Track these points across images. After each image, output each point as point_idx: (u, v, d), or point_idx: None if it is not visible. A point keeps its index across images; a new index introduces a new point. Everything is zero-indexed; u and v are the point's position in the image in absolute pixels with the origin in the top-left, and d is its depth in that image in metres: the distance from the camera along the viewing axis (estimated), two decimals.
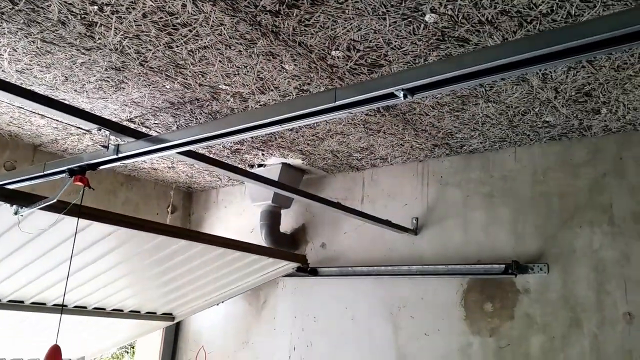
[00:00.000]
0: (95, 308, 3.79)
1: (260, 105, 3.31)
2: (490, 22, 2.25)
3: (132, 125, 3.74)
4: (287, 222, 4.86)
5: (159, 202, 5.51)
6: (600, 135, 3.44)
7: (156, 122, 3.71)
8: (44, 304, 3.49)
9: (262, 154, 4.30)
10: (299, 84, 3.00)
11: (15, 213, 2.46)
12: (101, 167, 2.63)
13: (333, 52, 2.64)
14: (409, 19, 2.29)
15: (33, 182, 2.73)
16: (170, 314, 4.48)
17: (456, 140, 3.71)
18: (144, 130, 3.81)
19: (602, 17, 1.90)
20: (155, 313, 4.31)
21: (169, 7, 2.35)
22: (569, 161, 3.56)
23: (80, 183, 2.48)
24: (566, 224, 3.47)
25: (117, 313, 3.98)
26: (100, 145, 2.56)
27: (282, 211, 4.70)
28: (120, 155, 2.41)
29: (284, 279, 4.72)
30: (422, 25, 2.32)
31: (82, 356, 4.63)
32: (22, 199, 2.43)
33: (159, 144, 2.34)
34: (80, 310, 3.70)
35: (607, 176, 3.39)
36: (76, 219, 2.55)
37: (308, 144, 4.00)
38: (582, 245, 3.38)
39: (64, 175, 2.50)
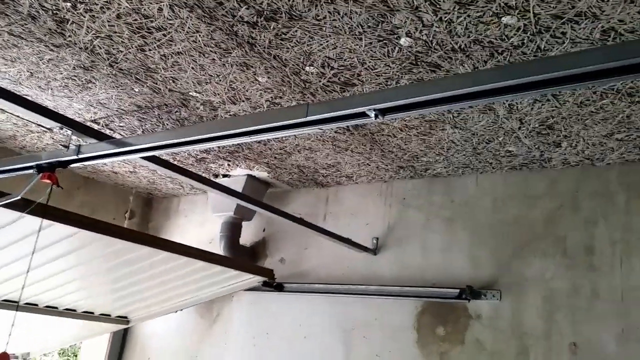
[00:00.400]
0: (47, 306, 3.67)
1: (230, 115, 3.29)
2: (463, 50, 2.32)
3: (95, 127, 3.65)
4: (248, 235, 4.81)
5: (117, 206, 5.38)
6: (559, 167, 3.57)
7: (121, 124, 3.63)
8: (15, 301, 3.40)
9: (228, 165, 4.26)
10: (271, 97, 3.00)
11: None
12: (19, 173, 2.57)
13: (307, 68, 2.65)
14: (385, 41, 2.33)
15: (14, 174, 2.60)
16: (125, 317, 4.36)
17: (421, 163, 3.77)
18: (108, 132, 3.73)
19: (570, 53, 1.99)
20: (109, 315, 4.20)
21: (145, 10, 2.32)
22: (527, 191, 3.66)
23: (48, 181, 2.36)
24: (521, 253, 3.56)
25: (70, 313, 3.85)
26: (60, 144, 2.49)
27: (243, 223, 4.66)
28: (81, 156, 2.34)
29: (239, 293, 4.65)
30: (397, 48, 2.37)
31: (27, 352, 4.46)
32: None
33: (122, 147, 2.29)
34: (32, 307, 3.57)
35: (562, 208, 3.50)
36: (37, 217, 2.44)
37: (275, 157, 3.99)
38: (534, 274, 3.47)
39: (31, 171, 2.39)
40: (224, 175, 4.51)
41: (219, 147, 3.87)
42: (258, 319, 4.53)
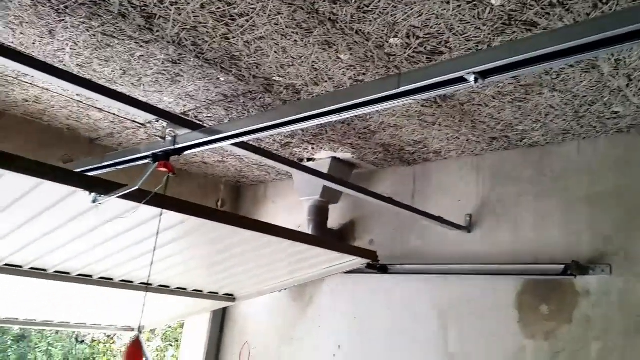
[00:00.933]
0: (160, 285, 3.94)
1: (313, 96, 3.27)
2: (562, 3, 2.13)
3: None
4: (335, 218, 4.80)
5: (208, 196, 5.57)
6: None
7: (209, 115, 3.73)
8: (131, 281, 3.78)
9: (312, 148, 4.26)
10: (354, 74, 2.94)
11: (94, 201, 2.41)
12: (135, 164, 2.66)
13: (391, 40, 2.56)
14: (474, 3, 2.19)
15: (117, 168, 2.78)
16: (232, 295, 4.62)
17: (516, 132, 3.56)
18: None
19: None
20: (217, 293, 4.47)
21: None
22: (635, 157, 3.35)
23: (164, 169, 2.41)
24: (630, 225, 3.27)
25: (180, 291, 4.14)
26: (157, 136, 2.58)
27: (330, 207, 4.65)
28: (177, 146, 2.41)
29: (329, 277, 4.67)
30: (488, 9, 2.22)
31: (142, 325, 4.85)
32: (101, 187, 2.39)
33: (214, 135, 2.34)
34: (146, 287, 3.86)
35: None
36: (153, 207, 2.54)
37: (359, 137, 3.94)
38: None
39: (147, 161, 2.47)
40: (309, 159, 4.52)
41: (302, 130, 3.88)
42: (351, 302, 4.52)
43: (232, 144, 2.48)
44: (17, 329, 12.21)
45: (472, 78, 1.56)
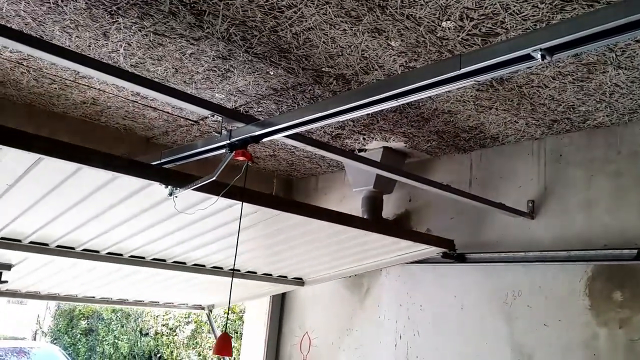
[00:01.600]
0: (230, 269, 4.05)
1: (363, 85, 3.22)
2: None
3: None
4: (389, 208, 4.74)
5: (261, 189, 5.60)
6: None
7: (259, 109, 3.74)
8: (203, 265, 3.95)
9: (363, 138, 4.21)
10: (405, 61, 2.87)
11: (170, 194, 2.44)
12: (212, 154, 2.69)
13: (444, 24, 2.48)
14: None
15: (195, 158, 2.83)
16: (301, 279, 4.70)
17: (579, 114, 3.39)
18: None
19: None
20: (286, 277, 4.57)
21: None
22: None
23: (243, 158, 2.35)
24: None
25: (251, 275, 4.26)
26: (214, 131, 2.60)
27: (384, 197, 4.59)
28: (232, 140, 2.42)
29: (387, 267, 4.62)
30: None
31: (212, 304, 5.40)
32: (177, 180, 2.43)
33: (268, 127, 2.33)
34: (218, 270, 4.03)
35: None
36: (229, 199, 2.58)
37: (412, 126, 3.85)
38: None
39: (223, 151, 2.45)
40: (360, 150, 4.47)
41: (353, 121, 3.83)
42: (409, 292, 4.46)
43: (286, 136, 2.47)
44: (84, 324, 12.81)
45: (538, 55, 1.47)
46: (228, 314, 5.84)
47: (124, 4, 2.54)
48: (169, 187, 2.42)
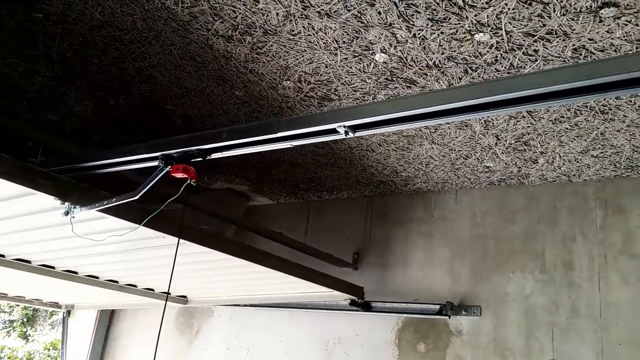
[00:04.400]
0: (108, 280, 3.71)
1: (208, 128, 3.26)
2: (438, 66, 2.32)
3: None
4: None
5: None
6: (537, 183, 3.58)
7: (100, 136, 3.58)
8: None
9: (207, 178, 4.22)
10: (249, 111, 2.98)
11: (67, 213, 1.92)
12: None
13: (284, 82, 2.64)
14: (360, 57, 2.33)
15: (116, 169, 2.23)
16: (185, 297, 4.36)
17: (401, 178, 3.77)
18: None
19: (542, 71, 1.99)
20: (170, 294, 4.24)
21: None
22: (506, 207, 3.67)
23: (183, 175, 1.88)
24: (500, 268, 3.55)
25: (131, 289, 3.92)
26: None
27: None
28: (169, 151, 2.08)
29: (218, 308, 4.60)
30: (372, 64, 2.36)
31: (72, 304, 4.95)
32: (78, 194, 1.91)
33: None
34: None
35: (540, 223, 3.51)
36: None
37: (255, 171, 3.96)
38: (514, 290, 3.46)
39: (154, 163, 1.97)
40: (204, 189, 4.46)
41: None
42: (239, 334, 4.46)
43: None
44: None
45: (342, 130, 1.64)
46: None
47: None
48: (66, 203, 1.94)
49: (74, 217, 1.96)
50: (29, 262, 3.25)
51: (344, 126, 1.62)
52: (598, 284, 3.22)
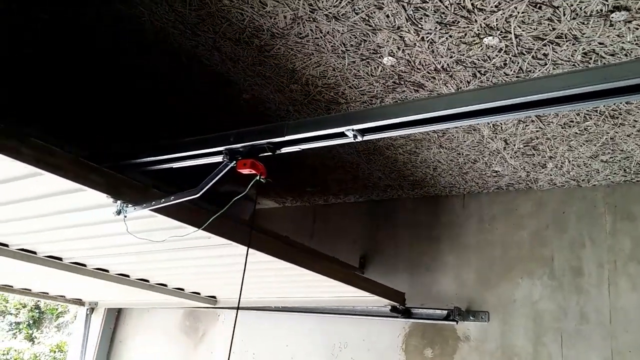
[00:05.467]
0: (138, 279, 3.66)
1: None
2: (446, 70, 2.30)
3: None
4: None
5: None
6: (545, 188, 3.55)
7: None
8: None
9: None
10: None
11: (119, 212, 1.82)
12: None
13: (291, 85, 2.63)
14: (367, 60, 2.32)
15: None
16: (214, 297, 4.30)
17: (408, 182, 3.75)
18: None
19: (552, 75, 1.98)
20: (199, 293, 4.17)
21: None
22: (514, 212, 3.64)
23: (251, 170, 1.71)
24: (508, 274, 3.52)
25: (162, 288, 3.86)
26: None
27: None
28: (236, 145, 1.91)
29: (224, 312, 4.59)
30: (380, 67, 2.35)
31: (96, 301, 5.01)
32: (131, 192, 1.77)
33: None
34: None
35: (549, 229, 3.48)
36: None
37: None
38: (522, 296, 3.43)
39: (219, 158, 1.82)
40: None
41: None
42: (244, 339, 4.44)
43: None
44: None
45: (351, 134, 1.63)
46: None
47: None
48: (118, 202, 1.83)
49: (126, 216, 1.85)
50: (60, 259, 3.19)
51: (353, 130, 1.60)
52: (607, 290, 3.19)
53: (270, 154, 1.75)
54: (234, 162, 1.76)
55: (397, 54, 2.24)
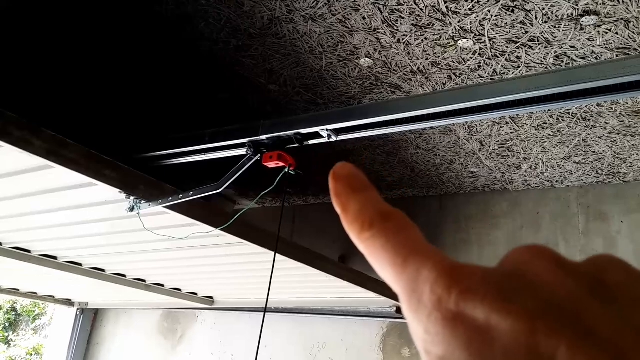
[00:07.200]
0: (135, 279, 3.63)
1: None
2: (422, 72, 2.33)
3: None
4: None
5: None
6: (520, 189, 3.61)
7: None
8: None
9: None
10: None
11: (132, 209, 1.77)
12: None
13: (270, 86, 2.64)
14: (345, 61, 2.33)
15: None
16: (211, 298, 4.28)
17: (386, 183, 3.78)
18: None
19: (524, 76, 2.02)
20: (196, 294, 4.15)
21: None
22: (489, 212, 3.69)
23: (278, 163, 1.61)
24: None
25: (158, 288, 3.85)
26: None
27: None
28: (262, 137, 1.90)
29: (202, 313, 4.57)
30: (357, 68, 2.37)
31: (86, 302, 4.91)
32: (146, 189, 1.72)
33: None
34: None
35: (524, 229, 3.54)
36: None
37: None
38: None
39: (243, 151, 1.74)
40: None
41: None
42: (222, 339, 4.43)
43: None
44: None
45: (325, 134, 1.65)
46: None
47: None
48: (132, 198, 1.75)
49: (139, 213, 1.77)
50: (55, 258, 3.13)
51: (327, 130, 1.62)
52: None
53: (297, 145, 1.67)
54: (259, 155, 1.69)
55: (374, 56, 2.26)
